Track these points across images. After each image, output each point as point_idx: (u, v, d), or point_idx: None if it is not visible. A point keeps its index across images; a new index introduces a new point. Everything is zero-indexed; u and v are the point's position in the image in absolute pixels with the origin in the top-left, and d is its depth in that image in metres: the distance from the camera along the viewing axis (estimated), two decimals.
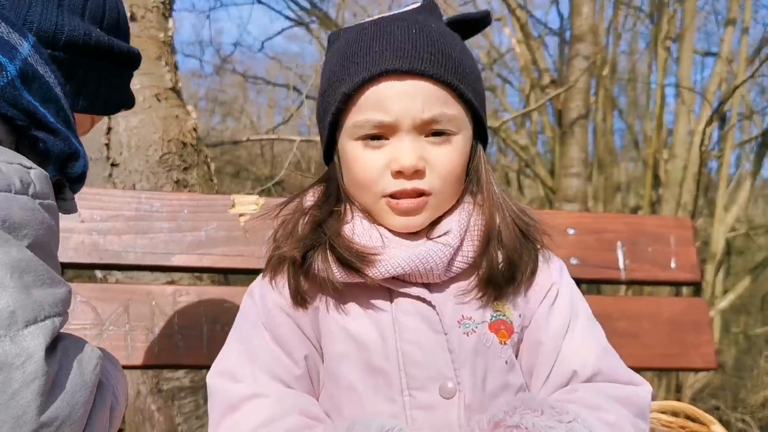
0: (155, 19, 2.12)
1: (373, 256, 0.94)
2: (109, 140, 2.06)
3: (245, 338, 1.01)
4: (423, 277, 0.96)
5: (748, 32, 5.52)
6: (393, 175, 0.95)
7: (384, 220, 0.99)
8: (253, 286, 1.07)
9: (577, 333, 1.03)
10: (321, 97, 1.03)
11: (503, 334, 0.99)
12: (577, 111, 4.20)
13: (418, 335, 0.95)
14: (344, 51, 0.99)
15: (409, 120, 0.94)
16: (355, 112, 0.96)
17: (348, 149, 0.98)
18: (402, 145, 0.94)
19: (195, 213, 1.26)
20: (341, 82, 0.97)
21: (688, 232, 1.42)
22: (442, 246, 0.96)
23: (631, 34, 8.02)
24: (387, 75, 0.94)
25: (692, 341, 1.37)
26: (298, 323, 1.00)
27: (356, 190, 1.00)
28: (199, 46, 8.47)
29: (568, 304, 1.05)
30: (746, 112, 6.44)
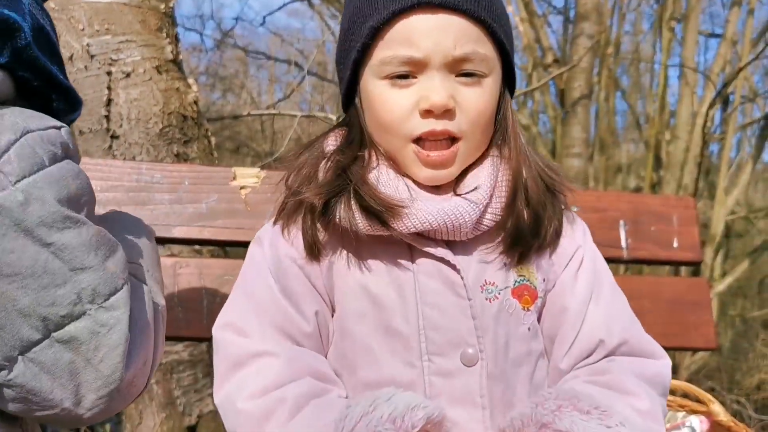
0: None
1: (401, 208, 0.90)
2: (108, 112, 2.04)
3: (252, 289, 0.97)
4: (450, 234, 0.93)
5: (753, 14, 5.47)
6: (422, 115, 0.91)
7: (410, 170, 0.95)
8: (262, 234, 1.02)
9: (602, 300, 1.00)
10: (343, 35, 0.98)
11: (526, 300, 0.96)
12: (580, 91, 4.18)
13: (440, 298, 0.92)
14: None
15: (440, 56, 0.90)
16: (383, 48, 0.92)
17: (373, 89, 0.94)
18: (432, 83, 0.90)
19: (196, 185, 1.25)
20: (368, 16, 0.92)
21: (691, 211, 1.42)
22: (471, 203, 0.92)
23: (635, 15, 7.96)
24: (418, 8, 0.89)
25: (693, 321, 1.37)
26: (310, 277, 0.96)
27: (382, 133, 0.96)
28: (200, 20, 8.41)
29: (593, 269, 1.02)
30: (750, 95, 6.41)
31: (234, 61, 9.88)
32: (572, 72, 4.16)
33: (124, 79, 2.02)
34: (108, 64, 2.00)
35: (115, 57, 2.01)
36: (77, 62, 2.02)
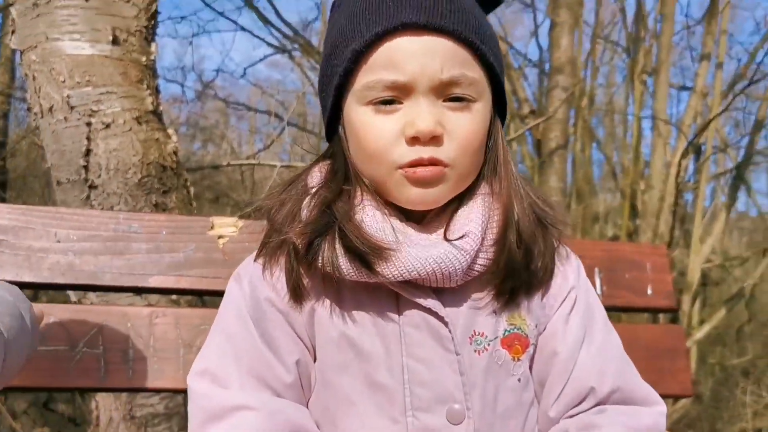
0: (138, 43, 2.12)
1: (388, 251, 0.85)
2: (87, 162, 2.04)
3: (231, 332, 0.92)
4: (440, 282, 0.88)
5: (722, 67, 5.64)
6: (408, 142, 0.86)
7: (398, 195, 0.90)
8: (242, 270, 0.97)
9: (594, 343, 0.96)
10: (325, 60, 0.94)
11: (517, 349, 0.92)
12: (556, 141, 4.26)
13: (426, 352, 0.88)
14: (354, 8, 0.90)
15: (427, 80, 0.85)
16: (366, 72, 0.87)
17: (356, 116, 0.89)
18: (418, 109, 0.85)
19: (174, 234, 1.25)
20: (351, 39, 0.88)
21: (664, 259, 1.44)
22: (459, 252, 0.87)
23: (608, 68, 8.17)
24: (403, 30, 0.85)
25: (669, 368, 1.37)
26: (292, 323, 0.92)
27: (366, 162, 0.90)
28: (181, 72, 8.51)
29: (586, 310, 0.99)
30: (721, 146, 6.55)
31: (215, 112, 9.95)
32: (548, 123, 4.25)
33: (104, 130, 2.03)
34: (88, 115, 2.01)
35: (95, 108, 2.02)
36: (57, 113, 2.02)
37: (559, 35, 4.38)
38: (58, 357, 1.15)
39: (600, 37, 6.19)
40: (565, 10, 4.40)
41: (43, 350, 1.15)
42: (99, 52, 2.04)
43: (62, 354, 1.16)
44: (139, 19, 2.12)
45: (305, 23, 6.21)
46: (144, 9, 2.13)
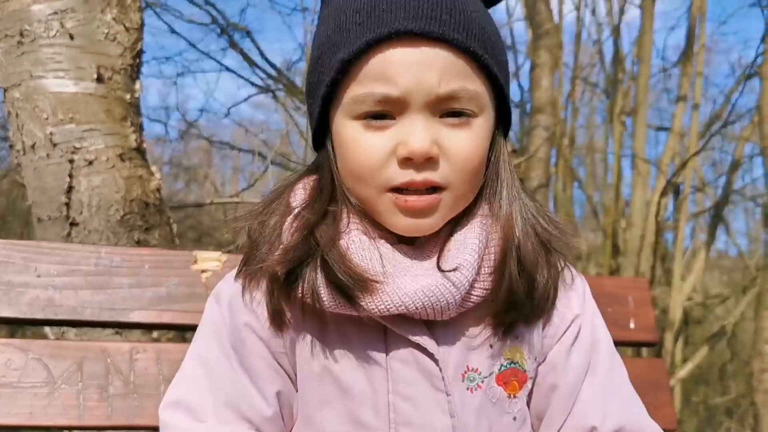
0: (122, 81, 2.14)
1: (374, 284, 0.78)
2: (69, 199, 2.03)
3: (207, 361, 0.86)
4: (431, 315, 0.81)
5: (698, 109, 5.76)
6: (400, 163, 0.78)
7: (387, 220, 0.82)
8: (222, 290, 0.90)
9: (598, 377, 0.90)
10: (312, 65, 0.85)
11: (513, 386, 0.86)
12: (538, 180, 4.30)
13: (414, 390, 0.82)
14: (343, 10, 0.81)
15: (422, 95, 0.77)
16: (356, 84, 0.79)
17: (345, 130, 0.81)
18: (412, 126, 0.77)
19: (156, 269, 1.24)
20: (339, 46, 0.79)
21: (646, 293, 1.44)
22: (452, 286, 0.79)
23: (588, 109, 8.32)
24: (397, 38, 0.76)
25: (652, 402, 1.36)
26: (273, 351, 0.85)
27: (354, 181, 0.82)
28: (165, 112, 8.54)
29: (591, 341, 0.92)
30: (699, 185, 6.65)
31: (198, 151, 9.97)
32: (530, 162, 4.30)
33: (87, 167, 2.03)
34: (71, 152, 2.01)
35: (78, 145, 2.02)
36: (39, 150, 2.02)
37: (540, 76, 4.46)
38: (36, 394, 1.13)
39: (579, 78, 6.31)
40: (545, 51, 4.49)
41: (21, 387, 1.13)
42: (83, 89, 2.05)
43: (40, 391, 1.14)
44: (124, 57, 2.14)
45: (289, 64, 6.27)
46: (129, 48, 2.14)
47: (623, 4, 5.93)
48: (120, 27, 2.10)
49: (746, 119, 5.98)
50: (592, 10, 6.46)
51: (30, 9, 1.99)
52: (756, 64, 4.41)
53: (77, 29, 2.02)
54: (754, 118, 5.39)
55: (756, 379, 3.57)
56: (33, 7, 1.99)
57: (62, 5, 2.00)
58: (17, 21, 1.99)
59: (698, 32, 5.48)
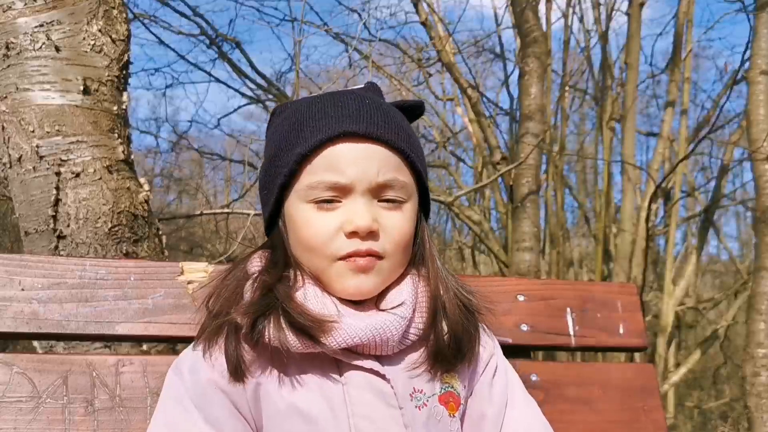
0: (109, 93, 2.13)
1: (330, 324, 0.91)
2: (56, 212, 2.02)
3: (174, 421, 0.95)
4: (378, 348, 0.94)
5: (687, 114, 5.79)
6: (347, 236, 0.94)
7: (335, 285, 0.97)
8: (181, 362, 1.01)
9: (517, 406, 1.05)
10: (268, 162, 1.02)
11: (452, 406, 0.98)
12: (528, 187, 4.31)
13: (371, 410, 0.93)
14: (297, 116, 0.99)
15: (365, 183, 0.94)
16: (309, 174, 0.95)
17: (297, 212, 0.97)
18: (356, 207, 0.94)
19: (142, 280, 1.23)
20: (295, 144, 0.96)
21: (635, 298, 1.45)
22: (397, 317, 0.95)
23: (578, 116, 8.36)
24: (344, 137, 0.95)
25: (642, 407, 1.37)
26: (235, 402, 0.94)
27: (306, 253, 0.98)
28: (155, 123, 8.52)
29: (506, 377, 1.08)
30: (689, 190, 6.68)
31: (189, 162, 9.95)
32: (520, 169, 4.30)
33: (74, 179, 2.01)
34: (57, 165, 2.00)
35: (65, 157, 2.01)
36: (25, 163, 2.01)
37: (529, 84, 4.48)
38: (21, 409, 1.12)
39: (568, 85, 6.34)
40: (533, 59, 4.50)
41: (5, 402, 1.12)
42: (69, 101, 2.04)
43: (25, 406, 1.12)
44: (111, 69, 2.13)
45: (279, 74, 6.28)
46: (116, 59, 2.14)
47: (611, 11, 5.97)
48: (106, 38, 2.10)
49: (735, 124, 6.02)
50: (580, 18, 6.50)
51: (16, 21, 1.98)
52: (743, 69, 4.43)
53: (63, 41, 2.01)
54: (742, 122, 5.43)
55: (749, 383, 3.57)
56: (19, 20, 1.98)
57: (48, 17, 2.00)
58: (3, 34, 1.98)
59: (686, 38, 5.52)
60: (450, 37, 5.64)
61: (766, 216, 3.81)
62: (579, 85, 7.41)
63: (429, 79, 6.65)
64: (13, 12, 1.99)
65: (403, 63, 6.48)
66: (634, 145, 5.56)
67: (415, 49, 6.18)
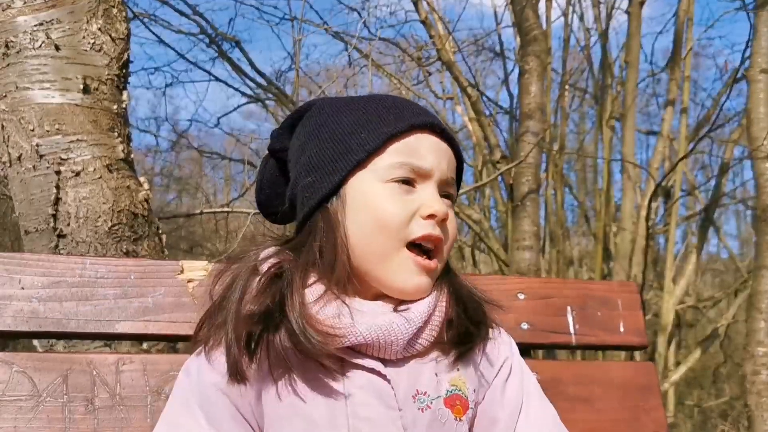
0: (109, 91, 2.13)
1: (337, 338, 0.90)
2: (56, 211, 2.02)
3: (178, 421, 0.96)
4: (381, 351, 0.93)
5: (687, 112, 5.79)
6: (423, 219, 0.96)
7: (396, 276, 0.96)
8: (190, 364, 1.01)
9: (532, 412, 1.02)
10: (337, 139, 0.99)
11: (458, 409, 0.96)
12: (528, 186, 4.30)
13: (370, 411, 0.91)
14: (379, 103, 1.01)
15: (439, 173, 0.99)
16: (394, 154, 0.97)
17: (375, 190, 0.96)
18: (433, 193, 0.98)
19: (142, 279, 1.23)
20: (381, 124, 0.98)
21: (635, 296, 1.44)
22: (405, 321, 0.93)
23: (578, 115, 8.35)
24: (429, 129, 0.99)
25: (642, 406, 1.37)
26: (237, 405, 0.95)
27: (375, 235, 0.96)
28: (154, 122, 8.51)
29: (521, 381, 1.05)
30: (689, 188, 6.68)
31: (189, 161, 9.95)
32: (520, 168, 4.30)
33: (74, 178, 2.01)
34: (57, 164, 2.00)
35: (64, 156, 2.00)
36: (25, 162, 2.01)
37: (528, 82, 4.47)
38: (21, 408, 1.12)
39: (568, 83, 6.33)
40: (533, 57, 4.50)
41: (5, 401, 1.12)
42: (69, 100, 2.03)
43: (25, 405, 1.12)
44: (111, 68, 2.13)
45: (279, 73, 6.27)
46: (115, 58, 2.13)
47: (611, 10, 5.97)
48: (106, 37, 2.09)
49: (735, 122, 6.02)
50: (580, 16, 6.50)
51: (15, 20, 1.98)
52: (743, 67, 4.43)
53: (63, 40, 2.01)
54: (743, 120, 5.43)
55: (749, 381, 3.56)
56: (18, 19, 1.98)
57: (47, 16, 2.00)
58: (2, 32, 1.98)
59: (686, 36, 5.52)
60: (450, 35, 5.64)
61: (766, 214, 3.81)
62: (579, 84, 7.41)
63: (429, 78, 6.66)
64: (12, 10, 1.99)
65: (402, 62, 6.49)
66: (634, 143, 5.56)
67: (415, 48, 6.17)
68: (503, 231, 6.15)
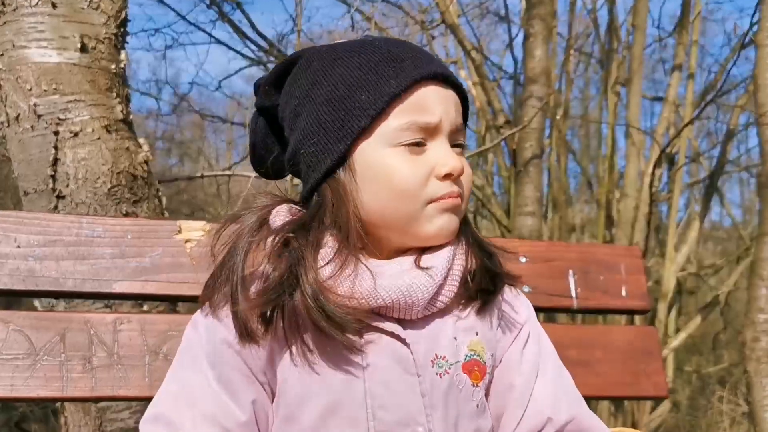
0: (106, 51, 2.09)
1: (358, 296, 0.87)
2: (55, 172, 2.00)
3: (186, 378, 0.92)
4: (402, 312, 0.90)
5: (693, 78, 5.72)
6: (440, 179, 0.91)
7: (424, 228, 0.91)
8: (198, 317, 0.96)
9: (549, 377, 0.99)
10: (335, 103, 0.92)
11: (476, 375, 0.94)
12: (532, 151, 4.27)
13: (388, 375, 0.89)
14: (377, 56, 0.92)
15: (449, 124, 0.92)
16: (400, 115, 0.90)
17: (385, 157, 0.90)
18: (446, 149, 0.92)
19: (139, 238, 1.22)
20: (381, 83, 0.90)
21: (638, 260, 1.43)
22: (429, 279, 0.90)
23: (582, 80, 8.27)
24: (431, 79, 0.92)
25: (644, 369, 1.37)
26: (248, 363, 0.90)
27: (395, 202, 0.91)
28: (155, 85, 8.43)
29: (538, 345, 1.02)
30: (694, 155, 6.64)
31: (191, 125, 9.90)
32: (523, 133, 4.26)
33: (72, 139, 1.99)
34: (55, 124, 1.97)
35: (63, 117, 1.98)
36: (23, 122, 1.98)
37: (533, 46, 4.41)
38: (18, 366, 1.11)
39: (573, 48, 6.26)
40: (538, 21, 4.43)
41: (2, 359, 1.11)
42: (67, 59, 2.00)
43: (21, 363, 1.12)
44: (108, 26, 2.09)
45: (280, 36, 6.19)
46: (113, 16, 2.10)
47: None
48: None
49: (741, 89, 5.95)
50: None
51: None
52: (751, 32, 4.36)
53: None
54: (749, 86, 5.36)
55: (749, 348, 3.57)
56: None
57: None
58: None
59: (694, 0, 5.43)
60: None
61: None
62: (584, 49, 7.31)
63: (432, 42, 6.57)
64: None
65: (406, 25, 6.40)
66: (640, 109, 5.50)
67: (419, 11, 6.08)
68: (505, 197, 6.13)
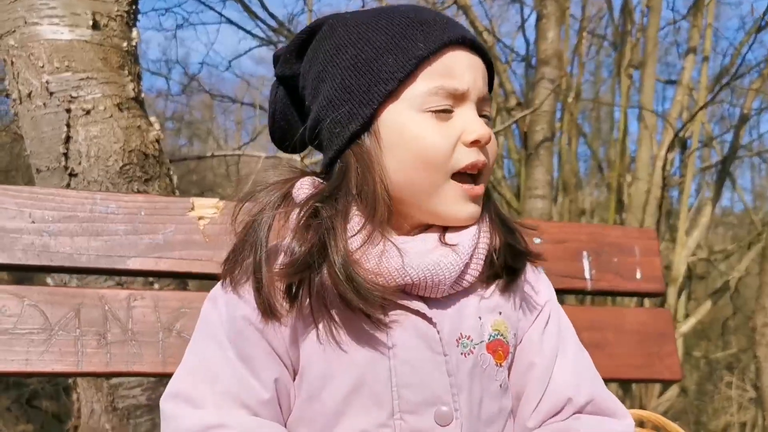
0: (118, 28, 2.09)
1: (386, 273, 0.85)
2: (67, 150, 2.00)
3: (206, 355, 0.90)
4: (428, 290, 0.88)
5: (708, 61, 5.66)
6: (467, 146, 0.89)
7: (447, 207, 0.90)
8: (216, 293, 0.94)
9: (569, 357, 0.98)
10: (361, 67, 0.90)
11: (500, 355, 0.93)
12: (543, 134, 4.25)
13: (414, 354, 0.87)
14: (407, 18, 0.91)
15: (476, 92, 0.90)
16: (425, 79, 0.88)
17: (413, 123, 0.88)
18: (473, 116, 0.90)
19: (152, 215, 1.22)
20: (410, 46, 0.88)
21: (653, 242, 1.42)
22: (455, 256, 0.88)
23: (594, 63, 8.19)
24: (461, 44, 0.90)
25: (657, 352, 1.36)
26: (270, 340, 0.88)
27: (419, 171, 0.89)
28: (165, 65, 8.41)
29: (558, 326, 1.01)
30: (706, 140, 6.59)
31: (201, 106, 9.89)
32: (535, 115, 4.23)
33: (84, 117, 1.99)
34: (68, 101, 1.97)
35: (75, 94, 1.98)
36: (36, 99, 1.98)
37: (546, 27, 4.37)
38: (33, 341, 1.12)
39: (587, 30, 6.20)
40: (552, 2, 4.39)
41: (17, 334, 1.12)
42: (79, 37, 2.00)
43: (37, 338, 1.12)
44: (120, 3, 2.08)
45: (291, 16, 6.16)
46: None
47: None
48: None
49: (755, 73, 5.88)
50: None
51: None
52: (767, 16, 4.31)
53: None
54: (764, 71, 5.30)
55: (759, 333, 3.57)
56: None
57: None
58: None
59: None
60: None
61: None
62: (597, 32, 7.24)
63: None
64: None
65: (418, 4, 6.35)
66: (653, 92, 5.45)
67: None
68: (515, 180, 6.11)
